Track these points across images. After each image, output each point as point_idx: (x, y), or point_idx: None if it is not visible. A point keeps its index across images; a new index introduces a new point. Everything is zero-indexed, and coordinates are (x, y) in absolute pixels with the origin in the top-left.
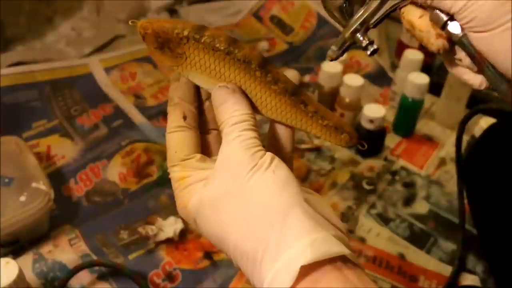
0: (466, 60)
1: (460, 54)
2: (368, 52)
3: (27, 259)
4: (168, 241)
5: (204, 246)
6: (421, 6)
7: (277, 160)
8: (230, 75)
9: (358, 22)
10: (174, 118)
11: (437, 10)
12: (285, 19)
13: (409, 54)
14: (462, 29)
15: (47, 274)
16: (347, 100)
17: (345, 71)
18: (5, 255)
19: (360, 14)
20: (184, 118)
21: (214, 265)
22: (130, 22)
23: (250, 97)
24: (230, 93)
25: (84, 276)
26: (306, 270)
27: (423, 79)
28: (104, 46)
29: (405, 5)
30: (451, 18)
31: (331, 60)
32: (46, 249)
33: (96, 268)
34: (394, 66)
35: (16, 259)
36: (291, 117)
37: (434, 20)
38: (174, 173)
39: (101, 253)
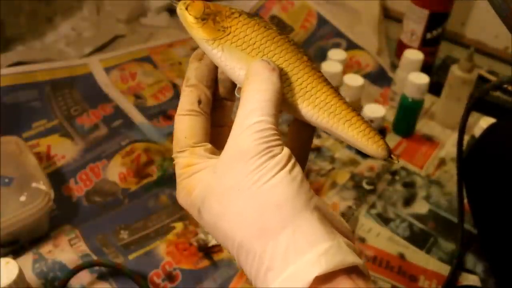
0: None
1: None
2: None
3: (27, 259)
4: (168, 241)
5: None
6: None
7: (294, 159)
8: (274, 56)
9: None
10: (189, 100)
11: None
12: (285, 19)
13: (409, 54)
14: None
15: (47, 274)
16: (347, 100)
17: (345, 71)
18: (5, 255)
19: None
20: (199, 102)
21: (214, 265)
22: None
23: (288, 85)
24: (269, 69)
25: (84, 276)
26: (318, 280)
27: (423, 79)
28: (104, 46)
29: None
30: None
31: None
32: (46, 249)
33: (96, 268)
34: (394, 66)
35: (16, 259)
36: (334, 111)
37: None
38: (181, 159)
39: (101, 253)
